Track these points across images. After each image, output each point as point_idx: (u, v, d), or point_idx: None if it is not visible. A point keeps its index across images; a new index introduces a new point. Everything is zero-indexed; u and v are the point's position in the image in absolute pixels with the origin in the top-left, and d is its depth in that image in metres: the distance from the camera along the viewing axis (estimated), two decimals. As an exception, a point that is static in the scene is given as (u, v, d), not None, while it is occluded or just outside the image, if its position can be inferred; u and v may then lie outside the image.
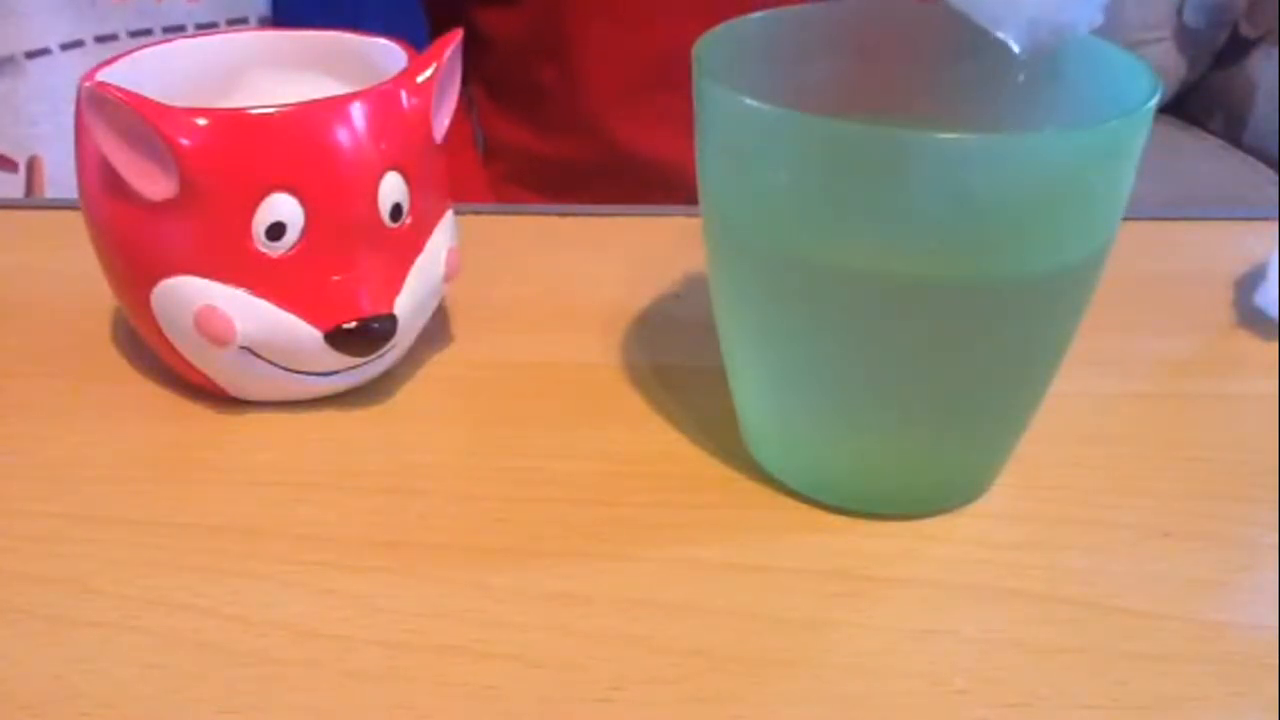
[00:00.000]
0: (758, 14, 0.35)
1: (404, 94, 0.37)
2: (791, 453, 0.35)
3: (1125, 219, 0.31)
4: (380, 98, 0.36)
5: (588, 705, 0.28)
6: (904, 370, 0.31)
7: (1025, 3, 0.30)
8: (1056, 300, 0.31)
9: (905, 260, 0.29)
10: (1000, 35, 0.31)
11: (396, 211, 0.37)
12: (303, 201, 0.35)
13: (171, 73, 0.40)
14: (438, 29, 0.80)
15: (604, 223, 0.52)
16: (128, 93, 0.33)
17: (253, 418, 0.38)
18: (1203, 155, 1.44)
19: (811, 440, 0.34)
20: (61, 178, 0.67)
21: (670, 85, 0.48)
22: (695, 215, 0.33)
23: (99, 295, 0.40)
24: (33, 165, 0.68)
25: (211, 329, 0.35)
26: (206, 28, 0.71)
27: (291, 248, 0.35)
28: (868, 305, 0.30)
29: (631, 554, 0.33)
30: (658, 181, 0.68)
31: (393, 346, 0.38)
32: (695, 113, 0.32)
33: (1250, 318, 0.44)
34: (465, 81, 0.40)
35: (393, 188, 0.36)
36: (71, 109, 0.36)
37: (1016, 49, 0.31)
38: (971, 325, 0.30)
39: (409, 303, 0.37)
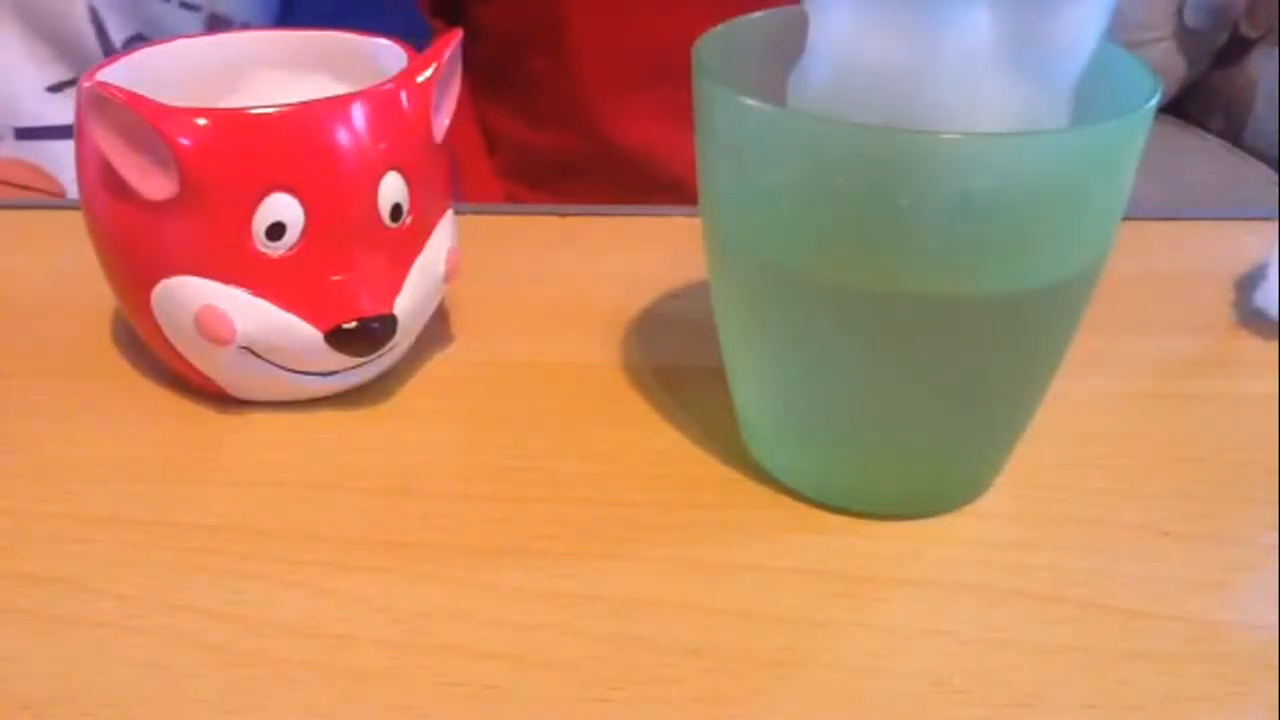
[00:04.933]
0: (758, 14, 0.35)
1: (404, 94, 0.37)
2: (791, 453, 0.35)
3: (1125, 219, 0.31)
4: (380, 98, 0.36)
5: (588, 705, 0.28)
6: (903, 372, 0.31)
7: None
8: (1057, 300, 0.31)
9: (904, 261, 0.29)
10: None
11: (396, 211, 0.37)
12: (303, 201, 0.35)
13: (171, 73, 0.40)
14: (434, 22, 0.80)
15: (604, 223, 0.52)
16: (128, 93, 0.33)
17: (253, 418, 0.38)
18: (1203, 155, 1.44)
19: (811, 441, 0.34)
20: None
21: (664, 80, 0.48)
22: (695, 215, 0.33)
23: (99, 295, 0.40)
24: None
25: (211, 329, 0.35)
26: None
27: (291, 248, 0.35)
28: (866, 306, 0.30)
29: (631, 554, 0.33)
30: (651, 176, 0.68)
31: (393, 346, 0.38)
32: (695, 113, 0.32)
33: (1250, 318, 0.44)
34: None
35: (393, 188, 0.36)
36: None
37: None
38: (971, 327, 0.30)
39: (409, 303, 0.37)
